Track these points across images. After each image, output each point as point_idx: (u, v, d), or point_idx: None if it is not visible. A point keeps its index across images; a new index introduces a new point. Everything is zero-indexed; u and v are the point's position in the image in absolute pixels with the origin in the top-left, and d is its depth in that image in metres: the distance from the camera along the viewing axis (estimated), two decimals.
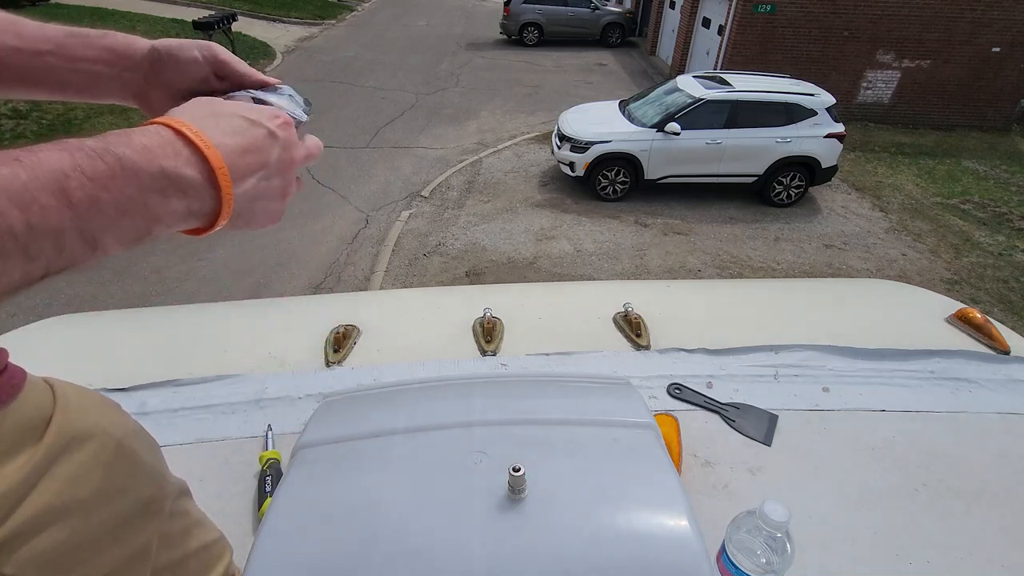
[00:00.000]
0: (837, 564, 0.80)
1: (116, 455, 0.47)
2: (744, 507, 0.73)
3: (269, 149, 0.45)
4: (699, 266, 6.35)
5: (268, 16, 15.97)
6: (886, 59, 11.40)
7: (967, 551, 0.82)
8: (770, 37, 11.15)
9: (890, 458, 0.96)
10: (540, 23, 15.60)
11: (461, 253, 6.22)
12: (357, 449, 0.71)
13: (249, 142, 0.43)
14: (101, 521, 0.44)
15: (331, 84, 11.49)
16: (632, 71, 14.17)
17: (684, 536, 0.60)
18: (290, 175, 0.48)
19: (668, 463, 0.69)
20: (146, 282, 5.32)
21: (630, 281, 4.78)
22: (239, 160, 0.42)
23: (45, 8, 13.49)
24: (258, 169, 0.44)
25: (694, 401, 1.07)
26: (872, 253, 6.86)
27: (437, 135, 9.43)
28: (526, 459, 0.66)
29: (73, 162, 0.32)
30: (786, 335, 1.21)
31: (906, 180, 8.99)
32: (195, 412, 1.02)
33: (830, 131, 7.31)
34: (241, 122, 0.44)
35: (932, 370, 1.14)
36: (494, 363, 1.14)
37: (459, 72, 13.01)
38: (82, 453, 0.44)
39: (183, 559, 0.55)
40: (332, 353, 1.15)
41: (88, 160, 0.33)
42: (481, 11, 20.13)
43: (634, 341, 1.20)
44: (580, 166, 7.26)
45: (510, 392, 0.85)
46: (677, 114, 7.17)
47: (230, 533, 0.67)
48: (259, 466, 0.91)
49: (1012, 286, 6.36)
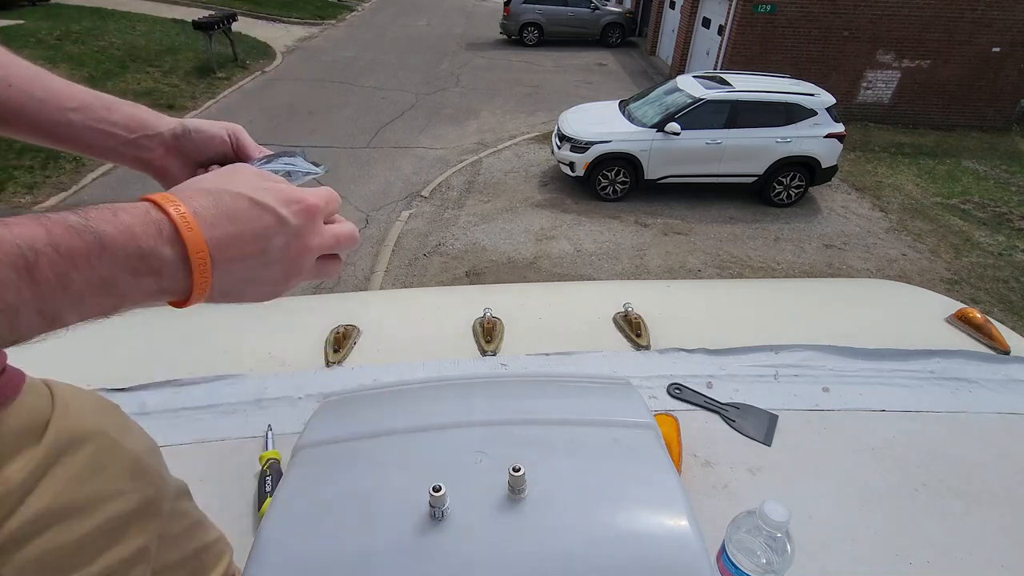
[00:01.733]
0: (837, 564, 0.80)
1: (115, 457, 0.47)
2: (744, 507, 0.73)
3: (271, 236, 0.42)
4: (699, 266, 6.35)
5: (268, 16, 15.98)
6: (886, 59, 11.40)
7: (967, 551, 0.82)
8: (770, 37, 11.14)
9: (890, 458, 0.96)
10: (540, 23, 15.60)
11: (461, 253, 6.22)
12: (357, 449, 0.71)
13: (246, 228, 0.41)
14: (100, 523, 0.44)
15: (331, 84, 11.49)
16: (632, 71, 14.17)
17: (684, 536, 0.60)
18: (301, 263, 0.45)
19: (668, 463, 0.69)
20: None
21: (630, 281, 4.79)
22: (228, 245, 0.39)
23: (45, 8, 13.49)
24: (253, 255, 0.41)
25: (694, 401, 1.07)
26: (872, 253, 6.86)
27: (437, 135, 9.43)
28: (526, 459, 0.66)
29: (48, 238, 0.31)
30: (786, 335, 1.21)
31: (906, 180, 8.99)
32: (195, 412, 1.02)
33: (830, 131, 7.31)
34: (246, 205, 0.41)
35: (932, 370, 1.14)
36: (494, 363, 1.14)
37: (459, 72, 13.01)
38: (81, 455, 0.44)
39: (183, 560, 0.55)
40: (332, 353, 1.15)
41: (65, 237, 0.32)
42: (481, 11, 20.13)
43: (634, 341, 1.20)
44: (580, 166, 7.26)
45: (510, 392, 0.85)
46: (677, 114, 7.17)
47: (230, 533, 0.67)
48: (259, 466, 0.91)
49: (1012, 286, 6.36)
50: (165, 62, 11.12)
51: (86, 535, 0.43)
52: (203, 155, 0.59)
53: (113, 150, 0.56)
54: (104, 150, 0.56)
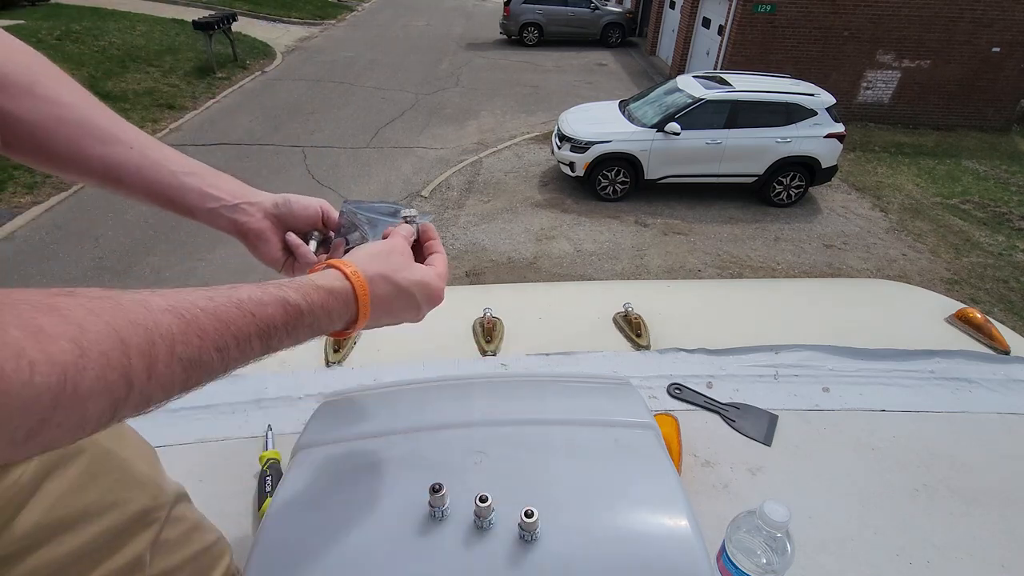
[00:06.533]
0: (837, 564, 0.80)
1: (109, 467, 0.47)
2: (744, 507, 0.73)
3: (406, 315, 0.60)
4: (699, 266, 6.35)
5: (268, 16, 15.98)
6: (886, 59, 11.40)
7: (967, 551, 0.82)
8: (770, 37, 11.15)
9: (890, 458, 0.96)
10: (540, 23, 15.60)
11: (461, 253, 6.22)
12: (357, 449, 0.71)
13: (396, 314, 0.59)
14: (94, 535, 0.44)
15: (331, 84, 11.49)
16: (632, 71, 14.17)
17: (684, 536, 0.60)
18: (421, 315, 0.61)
19: (668, 463, 0.69)
20: (146, 282, 5.33)
21: (630, 281, 4.78)
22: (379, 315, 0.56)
23: (45, 8, 13.49)
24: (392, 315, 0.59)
25: (694, 401, 1.07)
26: (872, 253, 6.86)
27: (437, 135, 9.43)
28: (526, 459, 0.66)
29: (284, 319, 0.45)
30: (786, 335, 1.21)
31: (906, 180, 8.99)
32: (195, 412, 1.02)
33: (830, 131, 7.31)
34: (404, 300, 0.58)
35: (932, 370, 1.14)
36: (494, 363, 1.14)
37: (459, 72, 13.01)
38: (73, 468, 0.44)
39: (181, 564, 0.55)
40: (332, 353, 1.15)
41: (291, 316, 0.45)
42: (481, 11, 20.13)
43: (634, 341, 1.20)
44: (580, 166, 7.26)
45: (510, 392, 0.85)
46: (677, 114, 7.17)
47: (230, 533, 0.67)
48: (259, 466, 0.90)
49: (1012, 286, 6.36)
50: (165, 62, 11.12)
51: (79, 548, 0.43)
52: (298, 222, 0.69)
53: (213, 212, 0.64)
54: (205, 211, 0.63)
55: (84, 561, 0.44)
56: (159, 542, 0.51)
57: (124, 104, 9.22)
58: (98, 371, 0.29)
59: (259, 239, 0.66)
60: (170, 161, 0.62)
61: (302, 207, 0.69)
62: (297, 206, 0.68)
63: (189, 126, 8.97)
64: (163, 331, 0.34)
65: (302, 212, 0.69)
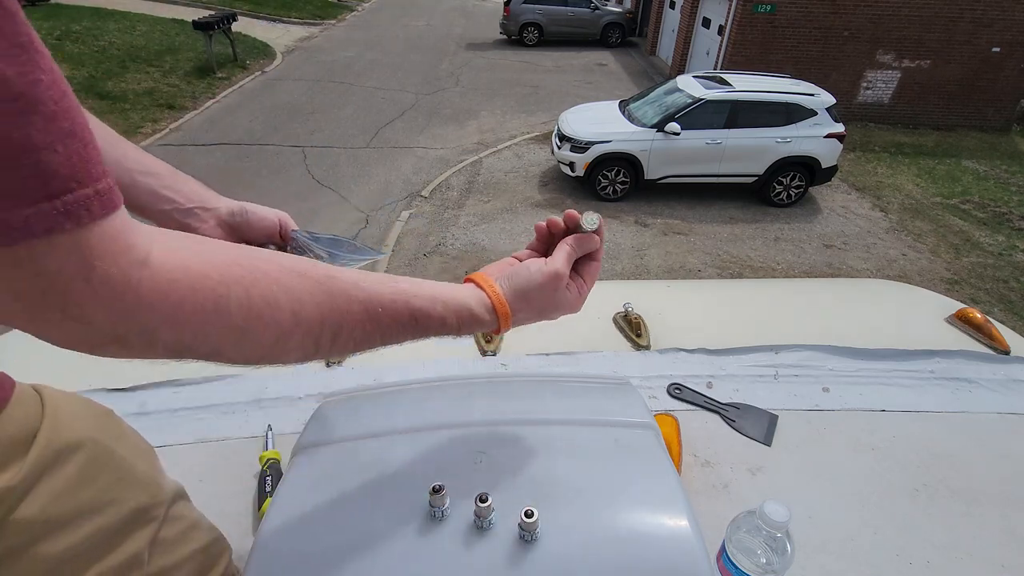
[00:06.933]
0: (837, 564, 0.80)
1: (106, 465, 0.47)
2: (744, 507, 0.73)
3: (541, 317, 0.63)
4: (699, 266, 6.36)
5: (268, 16, 15.97)
6: (886, 59, 11.40)
7: (967, 551, 0.82)
8: (770, 37, 11.15)
9: (890, 458, 0.96)
10: (540, 23, 15.60)
11: (461, 253, 6.23)
12: (357, 449, 0.71)
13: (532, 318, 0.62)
14: (90, 533, 0.44)
15: (331, 84, 11.49)
16: (632, 71, 14.18)
17: (684, 536, 0.60)
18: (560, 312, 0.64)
19: (668, 463, 0.69)
20: None
21: (630, 281, 4.78)
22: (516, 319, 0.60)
23: (46, 8, 13.49)
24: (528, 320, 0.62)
25: (694, 401, 1.07)
26: (872, 253, 6.86)
27: (437, 135, 9.44)
28: (526, 459, 0.66)
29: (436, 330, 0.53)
30: (786, 335, 1.21)
31: (906, 180, 9.00)
32: (195, 412, 1.02)
33: (830, 131, 7.32)
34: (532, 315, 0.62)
35: (932, 370, 1.14)
36: (494, 363, 1.14)
37: (459, 72, 13.01)
38: (71, 465, 0.43)
39: (179, 563, 0.55)
40: None
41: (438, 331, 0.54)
42: (481, 11, 20.13)
43: (634, 341, 1.20)
44: (580, 166, 7.26)
45: (510, 392, 0.85)
46: (677, 114, 7.17)
47: (230, 533, 0.67)
48: (259, 466, 0.91)
49: (1012, 286, 6.36)
50: (165, 62, 11.12)
51: (76, 546, 0.43)
52: (254, 233, 0.69)
53: (165, 214, 0.63)
54: (156, 212, 0.63)
55: (81, 558, 0.43)
56: (157, 540, 0.51)
57: (124, 104, 9.22)
58: (300, 337, 0.44)
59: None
60: (127, 159, 0.61)
61: (259, 218, 0.69)
62: (254, 217, 0.68)
63: (189, 126, 8.97)
64: (352, 320, 0.47)
65: (258, 223, 0.69)
